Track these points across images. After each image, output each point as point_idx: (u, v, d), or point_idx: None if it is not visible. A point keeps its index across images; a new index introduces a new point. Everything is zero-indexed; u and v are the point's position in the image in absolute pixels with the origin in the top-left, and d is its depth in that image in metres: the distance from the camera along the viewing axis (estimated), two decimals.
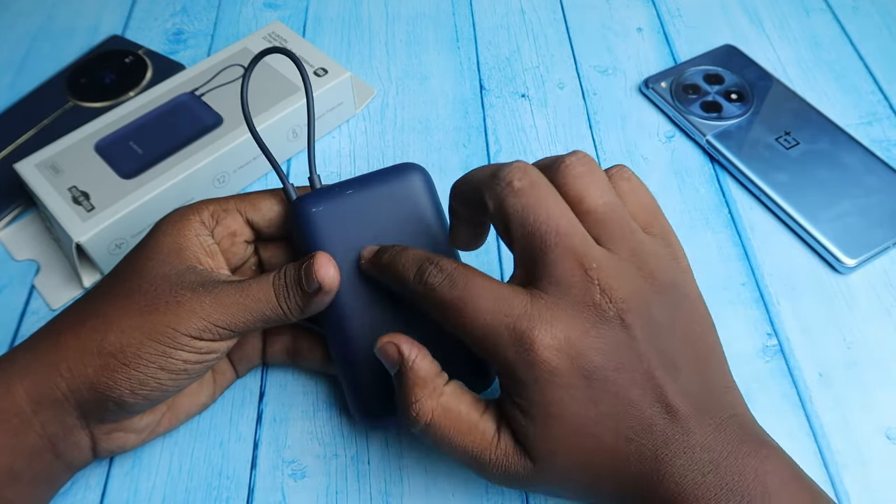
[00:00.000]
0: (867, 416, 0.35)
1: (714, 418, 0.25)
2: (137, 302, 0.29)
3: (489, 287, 0.26)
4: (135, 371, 0.28)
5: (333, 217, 0.31)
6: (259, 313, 0.29)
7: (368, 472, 0.33)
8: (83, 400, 0.28)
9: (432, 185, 0.33)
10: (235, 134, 0.41)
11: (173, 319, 0.28)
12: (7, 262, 0.41)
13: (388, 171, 0.32)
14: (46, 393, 0.28)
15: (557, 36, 0.53)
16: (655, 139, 0.46)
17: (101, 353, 0.28)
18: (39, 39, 0.53)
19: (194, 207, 0.32)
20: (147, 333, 0.28)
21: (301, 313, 0.30)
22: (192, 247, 0.31)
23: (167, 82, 0.44)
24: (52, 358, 0.28)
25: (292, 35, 0.47)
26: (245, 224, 0.33)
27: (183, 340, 0.28)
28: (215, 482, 0.33)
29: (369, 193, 0.32)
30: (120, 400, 0.28)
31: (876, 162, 0.43)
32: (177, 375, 0.29)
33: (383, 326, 0.31)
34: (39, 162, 0.40)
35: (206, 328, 0.28)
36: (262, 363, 0.36)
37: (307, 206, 0.31)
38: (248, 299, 0.29)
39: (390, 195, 0.32)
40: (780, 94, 0.47)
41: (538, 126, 0.47)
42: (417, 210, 0.32)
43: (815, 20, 0.54)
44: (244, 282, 0.30)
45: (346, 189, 0.32)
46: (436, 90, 0.49)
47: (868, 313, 0.38)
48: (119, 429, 0.31)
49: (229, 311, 0.29)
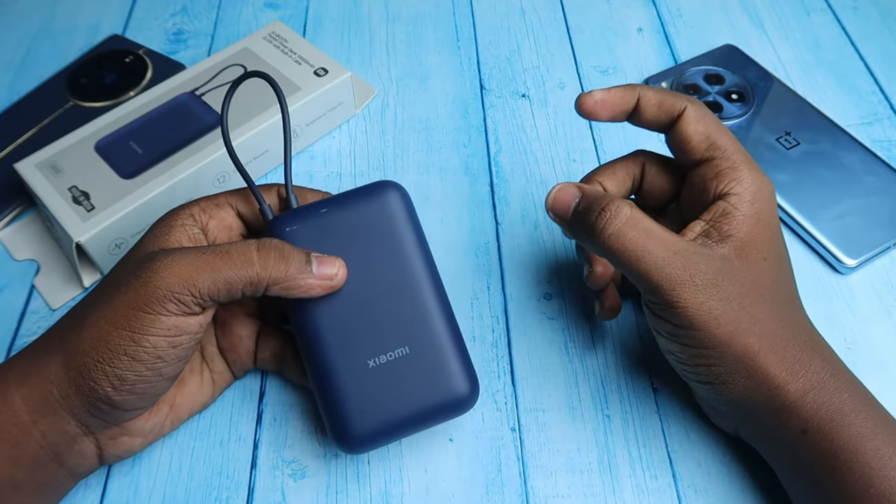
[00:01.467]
0: None
1: (825, 356, 0.30)
2: (108, 291, 0.28)
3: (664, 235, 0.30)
4: (108, 367, 0.27)
5: (307, 236, 0.31)
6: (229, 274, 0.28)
7: (368, 472, 0.33)
8: (75, 406, 0.28)
9: (409, 202, 0.33)
10: (236, 134, 0.41)
11: (133, 298, 0.27)
12: (7, 262, 0.41)
13: (364, 189, 0.33)
14: (41, 401, 0.28)
15: (558, 36, 0.53)
16: (656, 139, 0.46)
17: (79, 353, 0.28)
18: (39, 39, 0.53)
19: (186, 203, 0.32)
20: (112, 322, 0.27)
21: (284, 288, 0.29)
22: (176, 234, 0.31)
23: (167, 82, 0.44)
24: (41, 364, 0.28)
25: (292, 35, 0.47)
26: (237, 217, 0.33)
27: (147, 321, 0.27)
28: (215, 482, 0.33)
29: (345, 212, 0.32)
30: (107, 399, 0.28)
31: (876, 162, 0.43)
32: (152, 364, 0.28)
33: (362, 348, 0.31)
34: (39, 162, 0.40)
35: (166, 296, 0.27)
36: (255, 366, 0.36)
37: (283, 225, 0.32)
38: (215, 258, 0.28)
39: (366, 213, 0.32)
40: (780, 95, 0.47)
41: (538, 126, 0.47)
42: (392, 228, 0.32)
43: (815, 20, 0.54)
44: (215, 245, 0.29)
45: (321, 208, 0.32)
46: (436, 90, 0.49)
47: (868, 313, 0.38)
48: (124, 433, 0.30)
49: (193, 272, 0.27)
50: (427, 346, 0.31)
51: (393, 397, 0.30)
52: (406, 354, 0.31)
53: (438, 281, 0.32)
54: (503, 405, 0.35)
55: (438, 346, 0.31)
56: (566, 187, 0.31)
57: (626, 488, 0.33)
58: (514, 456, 0.34)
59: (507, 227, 0.42)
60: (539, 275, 0.40)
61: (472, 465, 0.33)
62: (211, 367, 0.34)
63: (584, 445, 0.34)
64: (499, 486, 0.33)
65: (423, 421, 0.31)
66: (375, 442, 0.31)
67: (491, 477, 0.33)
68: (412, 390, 0.30)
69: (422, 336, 0.31)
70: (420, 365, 0.31)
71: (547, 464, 0.33)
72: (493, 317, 0.38)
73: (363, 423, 0.30)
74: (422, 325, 0.31)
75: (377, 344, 0.31)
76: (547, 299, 0.39)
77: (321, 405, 0.31)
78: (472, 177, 0.44)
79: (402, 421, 0.30)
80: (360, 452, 0.31)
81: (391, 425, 0.30)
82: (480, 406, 0.35)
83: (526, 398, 0.35)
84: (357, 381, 0.30)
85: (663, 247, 0.28)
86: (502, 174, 0.44)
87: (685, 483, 0.33)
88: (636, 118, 0.33)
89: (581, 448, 0.34)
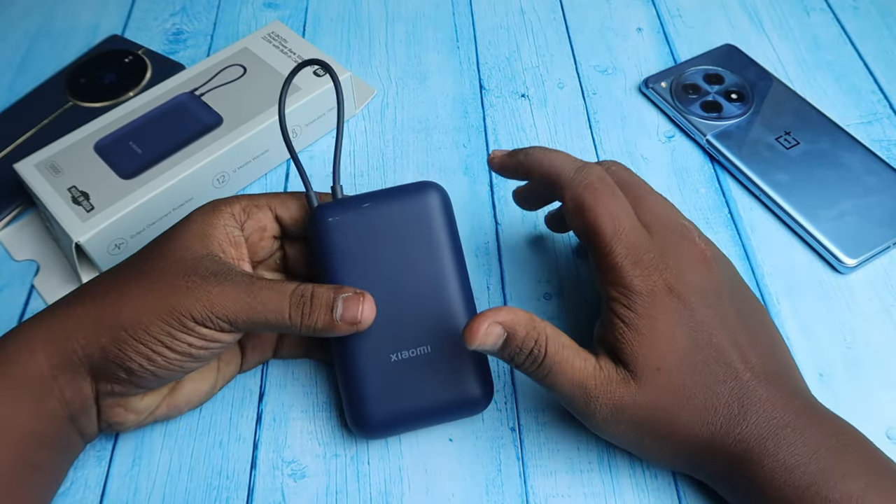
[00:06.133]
0: (868, 417, 0.34)
1: (783, 382, 0.28)
2: (153, 281, 0.30)
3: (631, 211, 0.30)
4: (143, 346, 0.29)
5: (349, 228, 0.32)
6: (261, 317, 0.30)
7: (368, 472, 0.33)
8: (96, 366, 0.29)
9: (449, 204, 0.34)
10: (235, 134, 0.41)
11: (181, 303, 0.29)
12: (7, 262, 0.41)
13: (408, 188, 0.34)
14: (64, 358, 0.29)
15: (557, 36, 0.53)
16: (655, 139, 0.46)
17: (115, 327, 0.29)
18: (39, 39, 0.53)
19: (227, 200, 0.33)
20: (156, 313, 0.29)
21: (312, 333, 0.30)
22: (218, 235, 0.32)
23: (167, 82, 0.44)
24: (71, 325, 0.29)
25: (292, 35, 0.47)
26: (274, 220, 0.34)
27: (188, 325, 0.29)
28: (215, 482, 0.33)
29: (386, 208, 0.33)
30: (129, 371, 0.29)
31: (876, 162, 0.43)
32: (182, 357, 0.30)
33: (387, 342, 0.32)
34: (39, 162, 0.40)
35: (208, 318, 0.29)
36: (274, 356, 0.36)
37: (325, 215, 0.33)
38: (254, 300, 0.30)
39: (407, 211, 0.33)
40: (780, 94, 0.47)
41: (538, 126, 0.47)
42: (431, 228, 0.33)
43: (815, 20, 0.54)
44: (257, 281, 0.30)
45: (364, 202, 0.33)
46: (436, 90, 0.49)
47: (868, 313, 0.38)
48: (120, 404, 0.31)
49: (233, 306, 0.29)
50: (448, 347, 0.32)
51: (410, 391, 0.32)
52: (428, 353, 0.32)
53: (467, 285, 0.33)
54: (503, 405, 0.35)
55: (459, 348, 0.32)
56: (488, 326, 0.28)
57: (626, 488, 0.33)
58: (514, 456, 0.34)
59: (507, 227, 0.42)
60: (539, 275, 0.40)
61: (472, 465, 0.33)
62: (219, 356, 0.34)
63: (584, 445, 0.34)
64: (499, 486, 0.33)
65: (435, 416, 0.33)
66: (390, 429, 0.33)
67: (491, 477, 0.33)
68: (429, 387, 0.32)
69: (444, 337, 0.32)
70: (439, 364, 0.32)
71: (547, 464, 0.33)
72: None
73: (380, 411, 0.32)
74: (446, 327, 0.32)
75: (402, 340, 0.32)
76: (547, 299, 0.39)
77: (343, 392, 0.33)
78: (472, 177, 0.44)
79: (416, 413, 0.32)
80: (374, 438, 0.33)
81: (405, 416, 0.32)
82: None
83: (526, 398, 0.35)
84: (379, 373, 0.32)
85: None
86: None
87: (685, 482, 0.33)
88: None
89: (581, 448, 0.34)
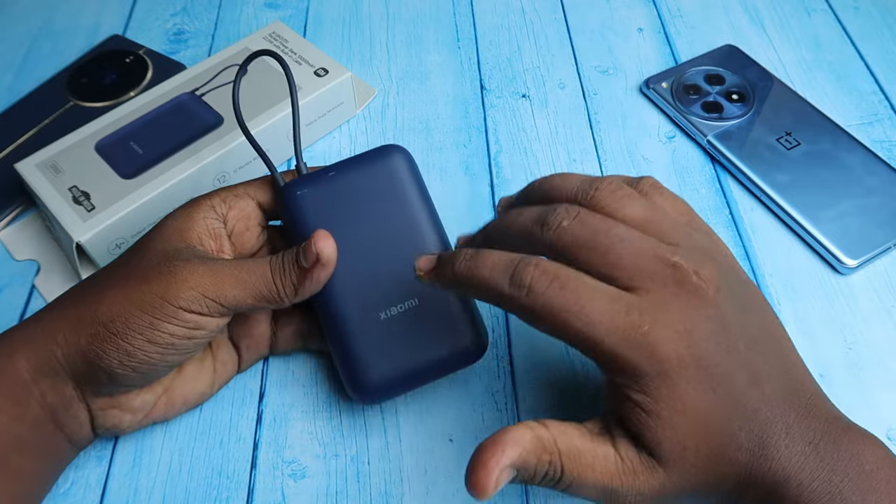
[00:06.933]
0: (868, 417, 0.34)
1: (800, 399, 0.25)
2: (132, 274, 0.30)
3: (596, 286, 0.25)
4: (122, 341, 0.28)
5: (318, 199, 0.33)
6: (252, 289, 0.30)
7: (368, 472, 0.33)
8: (77, 370, 0.29)
9: (413, 164, 0.34)
10: (236, 134, 0.41)
11: (163, 288, 0.29)
12: (7, 262, 0.41)
13: (370, 153, 0.34)
14: (44, 361, 0.29)
15: (558, 36, 0.53)
16: (656, 139, 0.46)
17: (94, 323, 0.29)
18: (40, 39, 0.53)
19: (206, 194, 0.33)
20: (136, 303, 0.29)
21: (295, 293, 0.31)
22: (197, 228, 0.32)
23: (167, 82, 0.44)
24: (50, 328, 0.29)
25: (293, 35, 0.47)
26: (257, 208, 0.34)
27: (170, 311, 0.28)
28: (215, 482, 0.33)
29: (352, 175, 0.33)
30: (110, 370, 0.29)
31: (877, 162, 0.43)
32: (164, 349, 0.29)
33: (373, 301, 0.32)
34: (40, 162, 0.40)
35: (195, 298, 0.29)
36: (270, 351, 0.36)
37: (293, 190, 0.33)
38: (242, 272, 0.30)
39: (372, 175, 0.33)
40: (780, 95, 0.47)
41: (539, 126, 0.47)
42: (400, 188, 0.33)
43: (816, 20, 0.54)
44: (241, 259, 0.31)
45: (328, 171, 0.33)
46: (436, 90, 0.49)
47: (869, 314, 0.38)
48: (114, 405, 0.31)
49: (222, 282, 0.29)
50: (435, 297, 0.32)
51: (404, 347, 0.32)
52: (415, 305, 0.32)
53: (444, 235, 0.34)
54: (503, 405, 0.35)
55: (445, 297, 0.32)
56: (497, 475, 0.24)
57: None
58: None
59: None
60: None
61: None
62: (215, 356, 0.34)
63: None
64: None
65: (432, 370, 0.33)
66: (389, 390, 0.32)
67: None
68: (421, 340, 0.32)
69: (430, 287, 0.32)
70: (429, 315, 0.32)
71: None
72: (493, 317, 0.38)
73: (377, 373, 0.32)
74: None
75: (387, 297, 0.32)
76: None
77: (337, 359, 0.33)
78: (473, 177, 0.44)
79: (413, 370, 0.32)
80: (373, 402, 0.33)
81: (403, 374, 0.32)
82: (480, 406, 0.35)
83: (526, 398, 0.35)
84: (370, 333, 0.32)
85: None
86: (502, 174, 0.44)
87: None
88: None
89: None
